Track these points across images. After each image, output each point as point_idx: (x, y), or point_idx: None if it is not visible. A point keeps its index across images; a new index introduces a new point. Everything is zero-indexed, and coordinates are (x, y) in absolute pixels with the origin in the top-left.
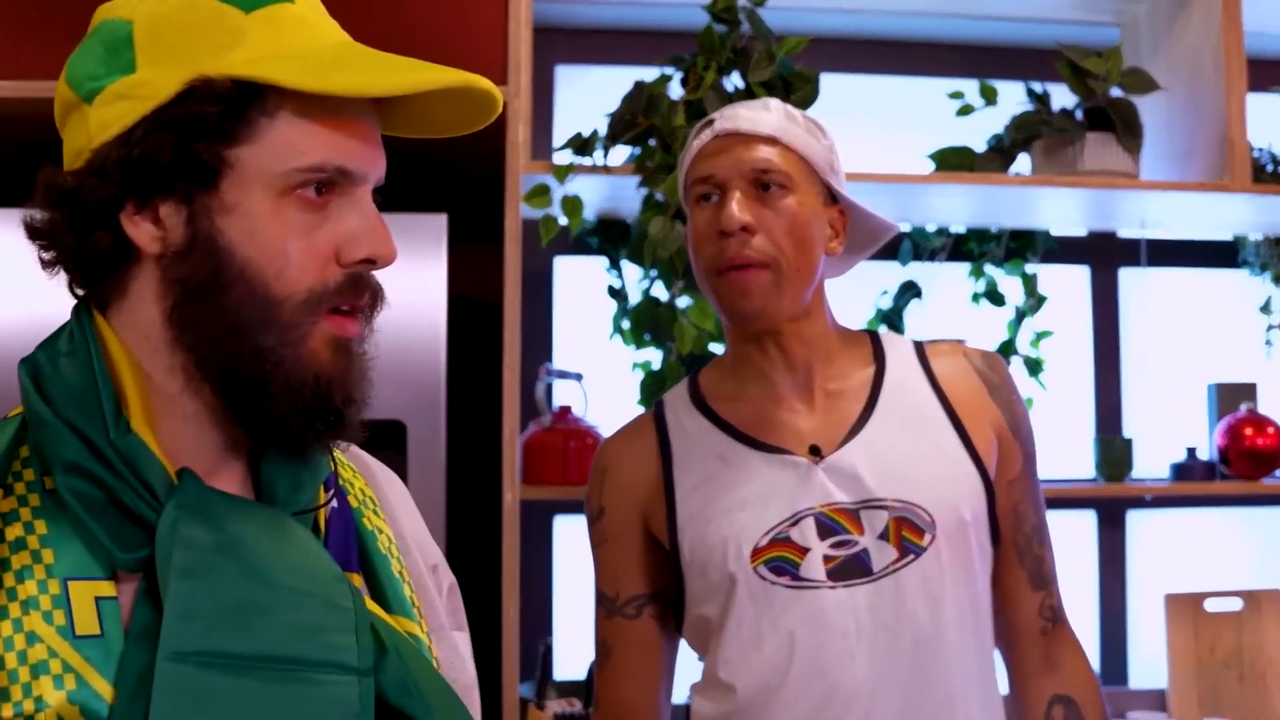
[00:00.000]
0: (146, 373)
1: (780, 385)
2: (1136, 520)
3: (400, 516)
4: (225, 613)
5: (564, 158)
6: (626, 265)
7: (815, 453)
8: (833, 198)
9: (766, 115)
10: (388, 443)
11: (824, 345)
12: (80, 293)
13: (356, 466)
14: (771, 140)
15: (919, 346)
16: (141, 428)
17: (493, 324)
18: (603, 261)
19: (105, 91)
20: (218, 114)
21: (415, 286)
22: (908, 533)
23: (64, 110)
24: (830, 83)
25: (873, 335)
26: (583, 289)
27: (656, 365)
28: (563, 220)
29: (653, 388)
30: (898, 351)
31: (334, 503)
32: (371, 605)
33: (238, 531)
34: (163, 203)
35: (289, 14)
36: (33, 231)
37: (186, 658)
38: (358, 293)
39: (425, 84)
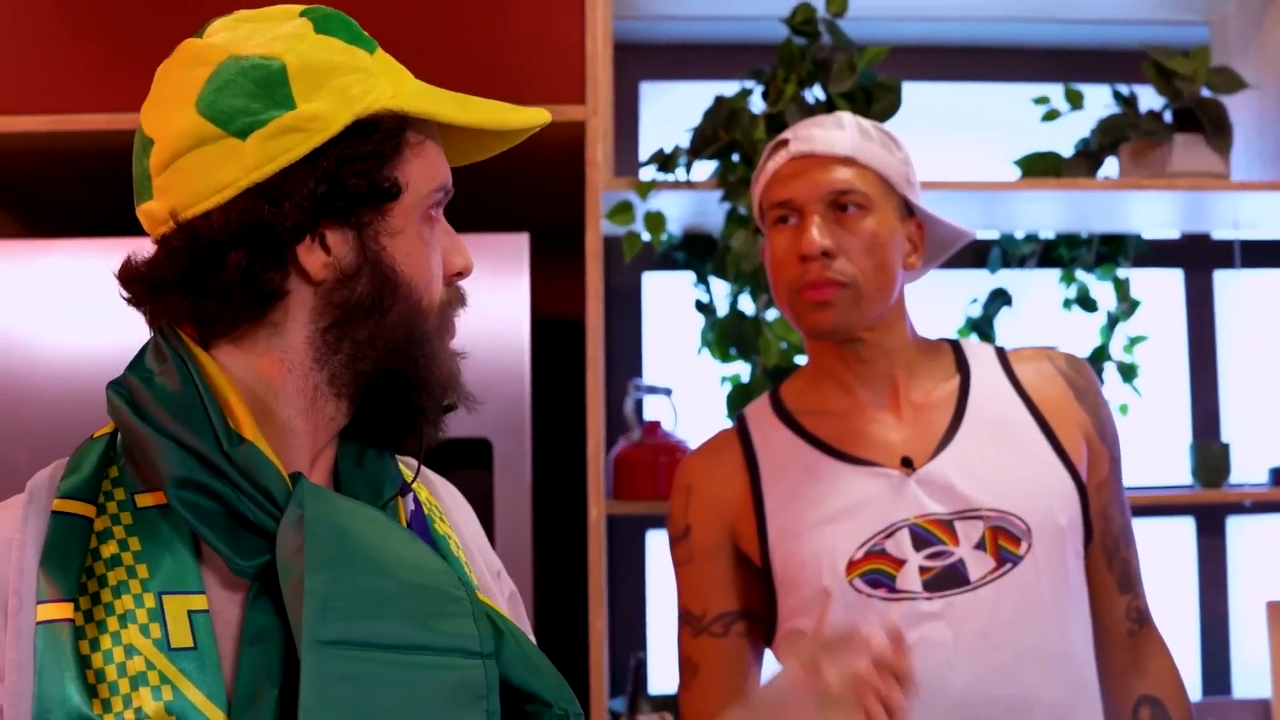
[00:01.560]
0: (250, 389)
1: (864, 397)
2: (1236, 526)
3: (461, 524)
4: (358, 603)
5: (648, 174)
6: (714, 280)
7: (907, 465)
8: (909, 210)
9: (841, 134)
10: (474, 461)
11: (905, 356)
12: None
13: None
14: (848, 161)
15: (1001, 353)
16: (255, 437)
17: (579, 341)
18: (690, 276)
19: (270, 125)
20: (392, 144)
21: (498, 306)
22: (1004, 542)
23: (189, 144)
24: (913, 92)
25: (954, 345)
26: (672, 304)
27: (744, 379)
28: (646, 236)
29: (739, 401)
30: (981, 360)
31: (410, 504)
32: (479, 595)
33: (355, 527)
34: (330, 229)
35: (388, 58)
36: (166, 268)
37: (329, 646)
38: (463, 302)
39: (526, 123)
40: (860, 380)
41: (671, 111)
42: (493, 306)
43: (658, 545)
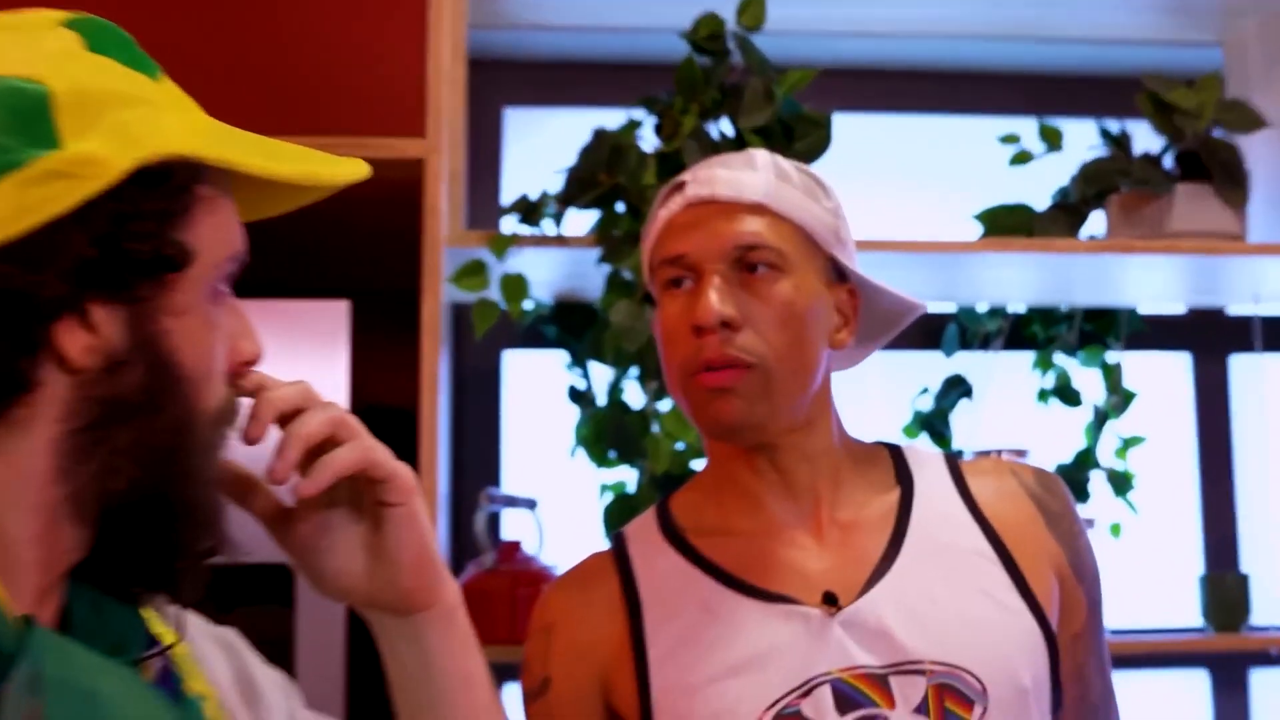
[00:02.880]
0: None
1: (778, 515)
2: (1262, 681)
3: (223, 682)
4: None
5: (509, 226)
6: (592, 362)
7: (830, 602)
8: (839, 275)
9: (752, 176)
10: (272, 593)
11: (831, 463)
12: None
13: (168, 623)
14: (758, 209)
15: (953, 463)
16: None
17: (413, 438)
18: (562, 357)
19: (28, 168)
20: (182, 199)
21: None
22: (952, 704)
23: None
24: (846, 126)
25: (893, 450)
26: (539, 392)
27: (630, 488)
28: (505, 306)
29: (621, 516)
30: (927, 471)
31: (157, 660)
32: None
33: (107, 689)
34: (98, 305)
35: (174, 87)
36: None
37: None
38: (235, 413)
39: (343, 178)
40: (773, 493)
41: (541, 147)
42: None
43: (513, 701)
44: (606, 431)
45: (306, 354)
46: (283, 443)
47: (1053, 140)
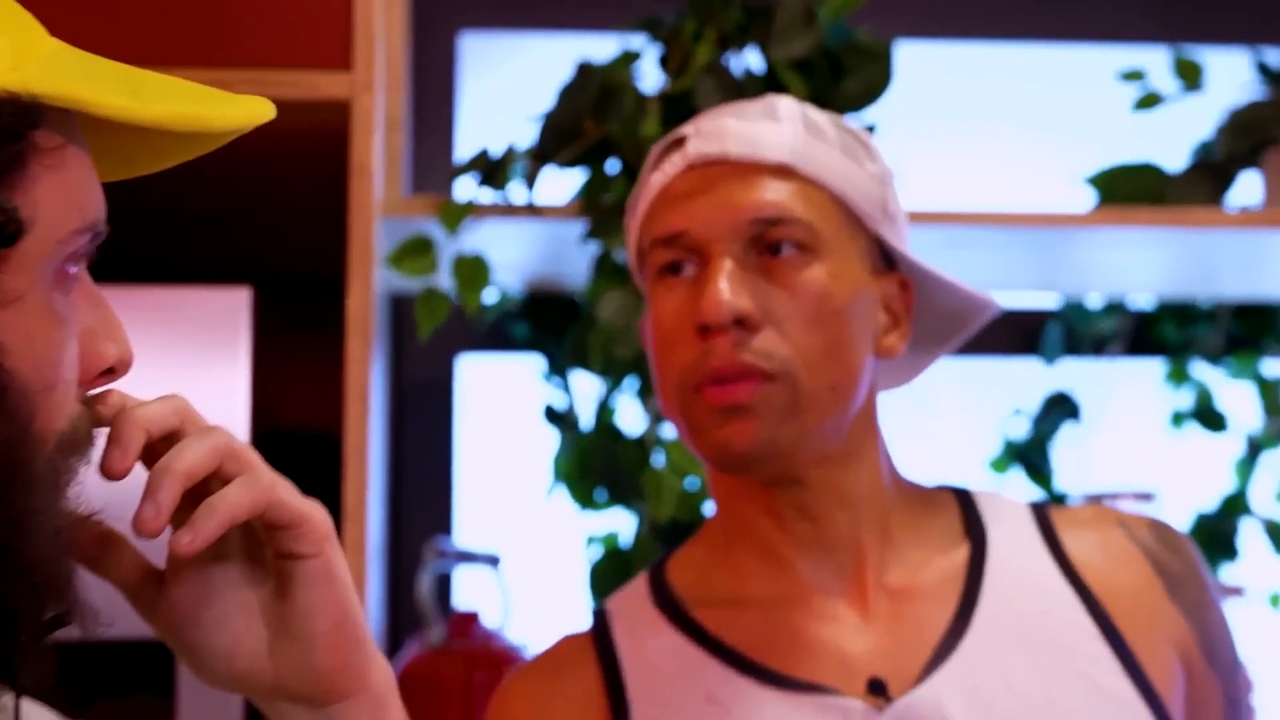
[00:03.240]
0: None
1: (809, 577)
2: None
3: None
4: None
5: (465, 191)
6: (575, 371)
7: (877, 692)
8: (888, 261)
9: (773, 130)
10: (141, 680)
11: (878, 510)
12: None
13: None
14: (783, 171)
15: (1041, 512)
16: None
17: (334, 470)
18: (536, 364)
19: None
20: (9, 150)
21: (198, 407)
22: None
23: None
24: (913, 58)
25: (961, 496)
26: (504, 410)
27: (624, 539)
28: (459, 296)
29: (614, 577)
30: (1006, 522)
31: None
32: None
33: None
34: None
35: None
36: None
37: None
38: (91, 441)
39: (236, 122)
40: (801, 548)
41: (508, 85)
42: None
43: None
44: (594, 464)
45: (192, 359)
46: (153, 481)
47: (1191, 77)
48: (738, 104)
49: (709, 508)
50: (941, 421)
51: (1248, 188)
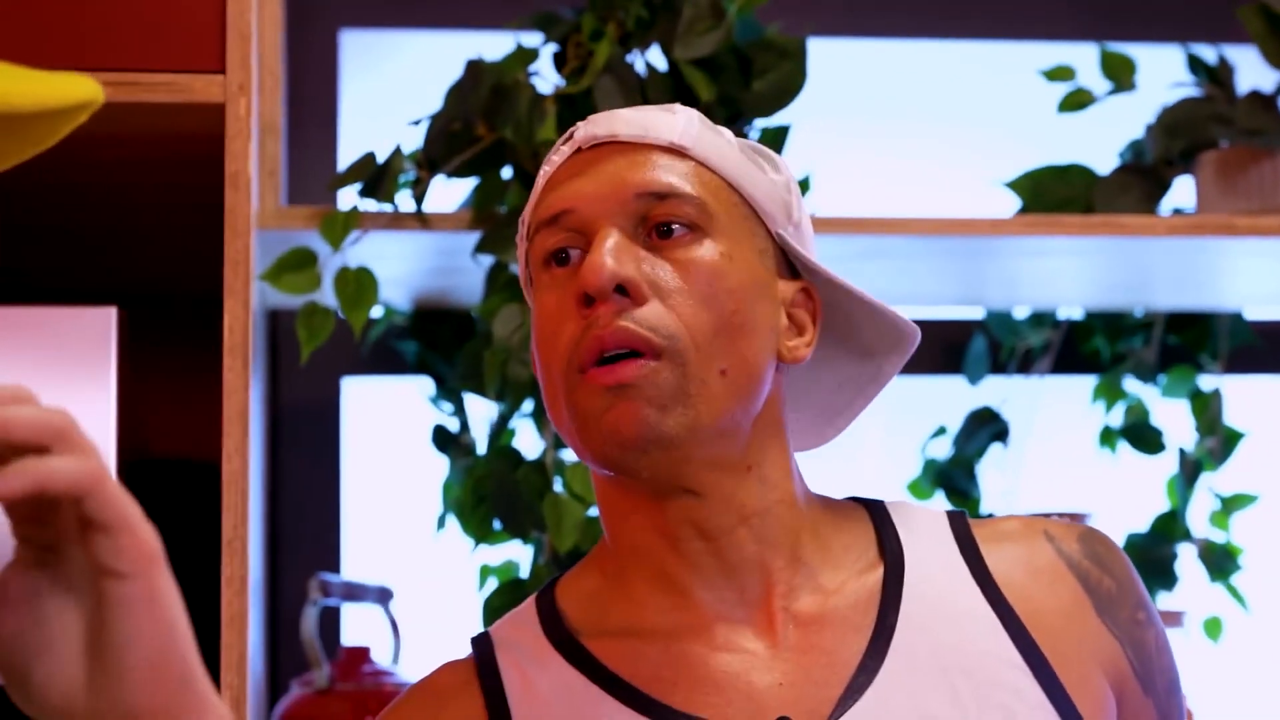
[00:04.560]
0: None
1: (710, 604)
2: None
3: None
4: None
5: (348, 200)
6: (468, 395)
7: None
8: (791, 270)
9: (666, 117)
10: None
11: (786, 528)
12: None
13: None
14: (675, 151)
15: (959, 524)
16: None
17: (213, 502)
18: (425, 385)
19: None
20: None
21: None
22: None
23: None
24: (826, 56)
25: (873, 508)
26: (392, 434)
27: (522, 571)
28: (343, 313)
29: (510, 610)
30: (923, 538)
31: None
32: None
33: None
34: None
35: None
36: None
37: None
38: None
39: (52, 99)
40: (699, 571)
41: (393, 86)
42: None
43: None
44: (489, 492)
45: (54, 384)
46: None
47: (1120, 75)
48: (639, 107)
49: None
50: (859, 442)
51: (1182, 192)
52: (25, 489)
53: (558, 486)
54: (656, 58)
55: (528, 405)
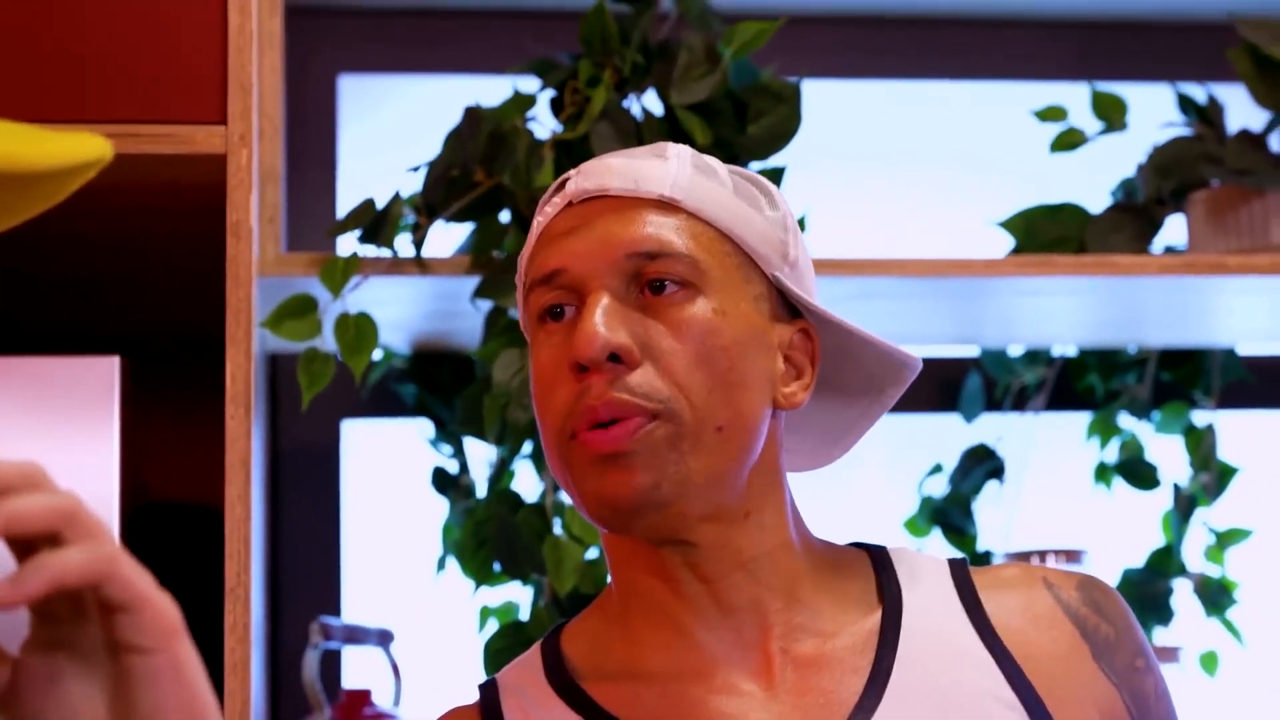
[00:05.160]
0: None
1: (709, 647)
2: None
3: None
4: None
5: (348, 246)
6: (469, 438)
7: None
8: (790, 310)
9: (657, 165)
10: None
11: (784, 572)
12: None
13: None
14: (665, 206)
15: (960, 572)
16: None
17: (215, 546)
18: (425, 429)
19: None
20: None
21: (62, 482)
22: None
23: None
24: (821, 99)
25: (875, 554)
26: (392, 477)
27: (522, 614)
28: (343, 358)
29: (511, 653)
30: (923, 583)
31: None
32: None
33: None
34: None
35: None
36: None
37: None
38: None
39: (49, 161)
40: (698, 615)
41: (391, 132)
42: (58, 484)
43: None
44: (489, 535)
45: (57, 433)
46: None
47: (1112, 114)
48: (631, 149)
49: None
50: (856, 481)
51: (1173, 231)
52: (44, 588)
53: (557, 529)
54: (653, 103)
55: (527, 448)
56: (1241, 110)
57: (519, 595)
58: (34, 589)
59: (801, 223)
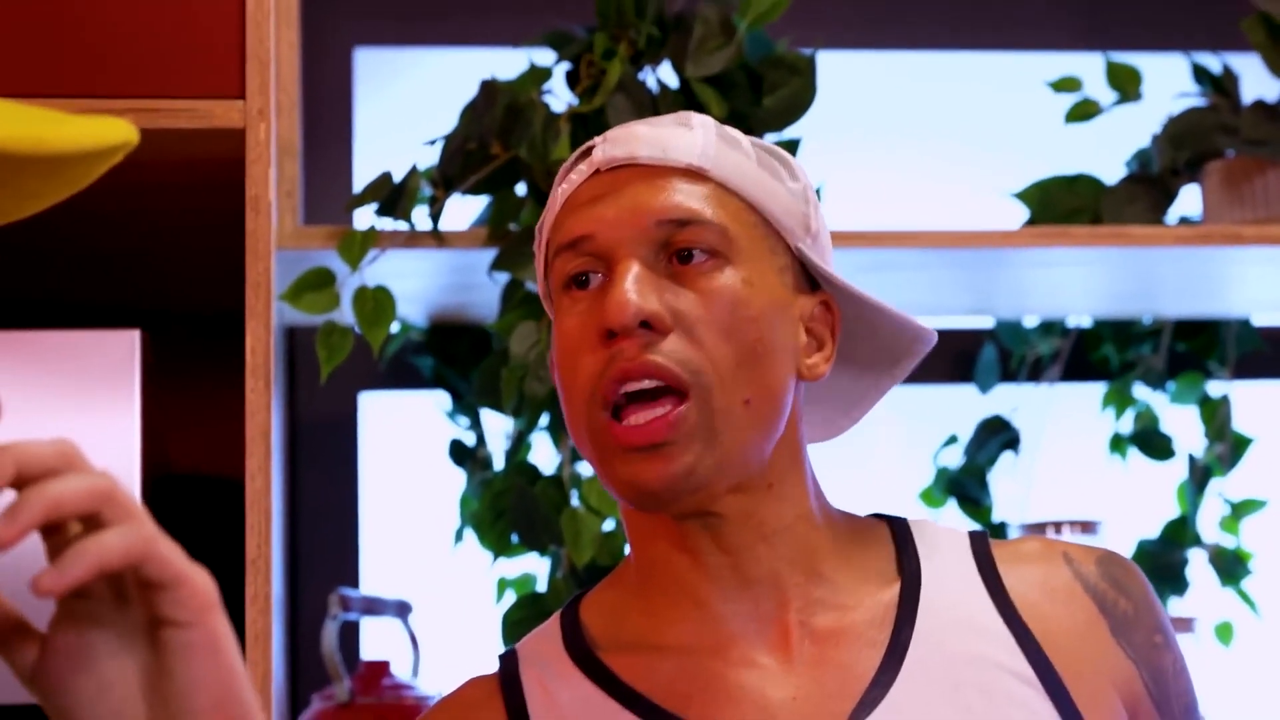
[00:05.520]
0: None
1: (727, 619)
2: None
3: None
4: None
5: (365, 220)
6: (485, 410)
7: None
8: (810, 281)
9: (684, 134)
10: None
11: (803, 544)
12: None
13: None
14: (694, 175)
15: (980, 544)
16: None
17: (236, 516)
18: (442, 400)
19: None
20: None
21: (88, 453)
22: None
23: None
24: (836, 71)
25: (895, 525)
26: (410, 449)
27: (540, 585)
28: (360, 330)
29: (529, 624)
30: (942, 554)
31: None
32: None
33: None
34: None
35: None
36: None
37: None
38: None
39: (77, 144)
40: (718, 585)
41: (408, 105)
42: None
43: None
44: (507, 506)
45: (79, 405)
46: (16, 504)
47: (1126, 85)
48: (654, 118)
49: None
50: (872, 452)
51: (1188, 201)
52: (88, 573)
53: (575, 501)
54: (668, 75)
55: (544, 420)
56: (1256, 80)
57: (536, 567)
58: (79, 575)
59: (818, 193)
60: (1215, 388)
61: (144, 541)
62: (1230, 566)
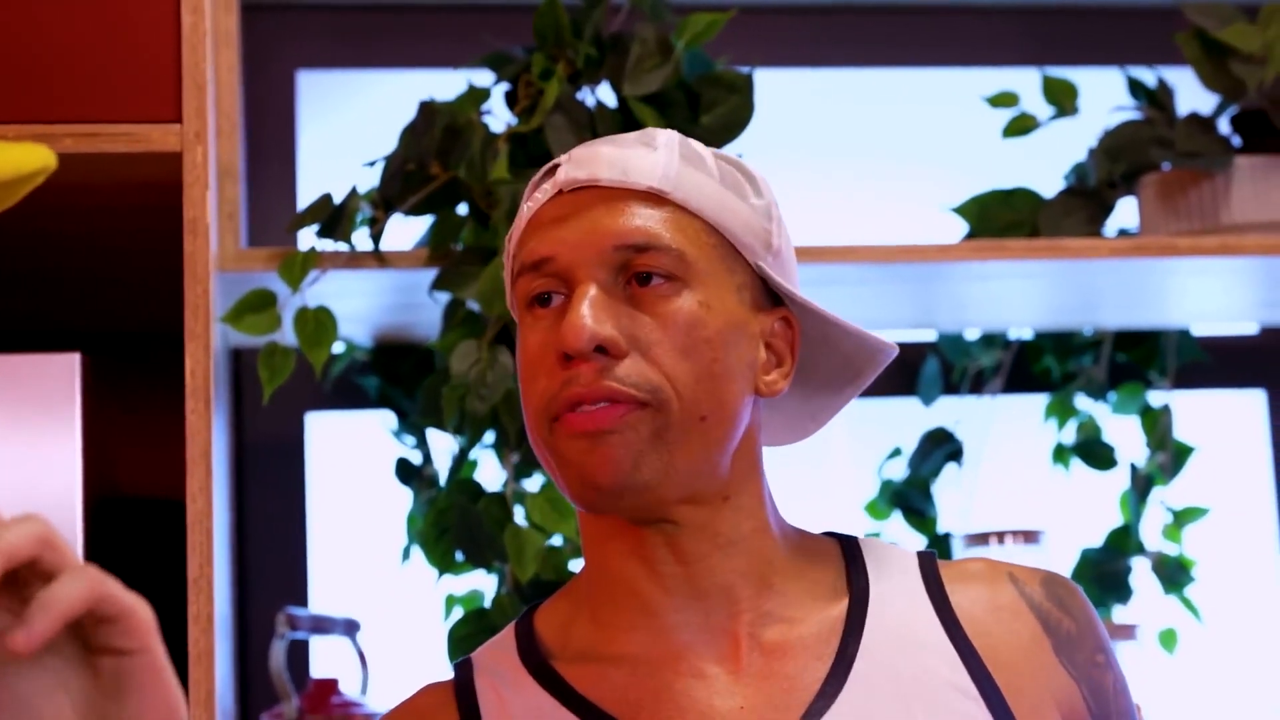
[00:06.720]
0: None
1: (678, 629)
2: None
3: None
4: None
5: (307, 241)
6: (430, 429)
7: None
8: (771, 297)
9: (646, 155)
10: None
11: (757, 558)
12: None
13: None
14: (653, 198)
15: (928, 564)
16: None
17: (178, 539)
18: (387, 420)
19: None
20: None
21: (29, 480)
22: None
23: None
24: (774, 88)
25: (845, 543)
26: (355, 469)
27: (486, 601)
28: (310, 350)
29: (475, 640)
30: (890, 572)
31: None
32: None
33: None
34: None
35: None
36: None
37: None
38: None
39: (20, 165)
40: (671, 594)
41: (348, 126)
42: (21, 481)
43: None
44: (452, 524)
45: (20, 429)
46: None
47: (1063, 99)
48: (615, 136)
49: (575, 565)
50: (818, 466)
51: (1125, 214)
52: (56, 625)
53: (518, 517)
54: (606, 94)
55: (488, 438)
56: (1190, 94)
57: (484, 583)
58: (48, 628)
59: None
60: (1156, 398)
61: (95, 584)
62: (1173, 574)
